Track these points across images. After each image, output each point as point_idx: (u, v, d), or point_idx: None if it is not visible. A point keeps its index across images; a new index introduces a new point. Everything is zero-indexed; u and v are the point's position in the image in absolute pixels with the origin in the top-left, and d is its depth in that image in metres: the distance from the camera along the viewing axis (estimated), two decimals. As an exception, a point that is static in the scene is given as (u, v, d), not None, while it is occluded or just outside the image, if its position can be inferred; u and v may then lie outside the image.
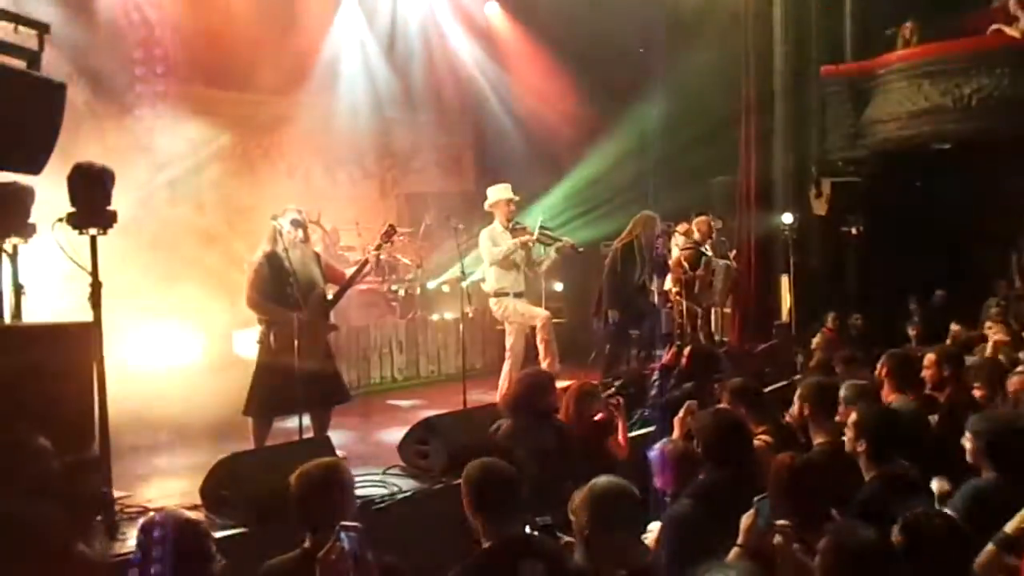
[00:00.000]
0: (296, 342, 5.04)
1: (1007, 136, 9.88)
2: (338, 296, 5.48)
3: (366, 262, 5.44)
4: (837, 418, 4.05)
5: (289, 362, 5.05)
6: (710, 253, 9.09)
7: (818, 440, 3.99)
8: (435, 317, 9.12)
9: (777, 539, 2.65)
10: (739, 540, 2.80)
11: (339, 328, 6.21)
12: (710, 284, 9.15)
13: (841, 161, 11.04)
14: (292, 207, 5.40)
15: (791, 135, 10.96)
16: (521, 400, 4.62)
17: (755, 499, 2.94)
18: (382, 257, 5.85)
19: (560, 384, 5.21)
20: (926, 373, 4.84)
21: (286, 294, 5.19)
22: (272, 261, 5.23)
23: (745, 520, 2.82)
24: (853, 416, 3.57)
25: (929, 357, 4.91)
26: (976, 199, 11.11)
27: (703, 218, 9.13)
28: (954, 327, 7.67)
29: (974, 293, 10.32)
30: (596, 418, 4.76)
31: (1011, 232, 10.63)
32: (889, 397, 4.59)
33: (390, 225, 5.65)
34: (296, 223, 5.30)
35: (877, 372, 4.82)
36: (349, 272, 5.53)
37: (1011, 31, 9.91)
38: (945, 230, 11.12)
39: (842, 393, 4.19)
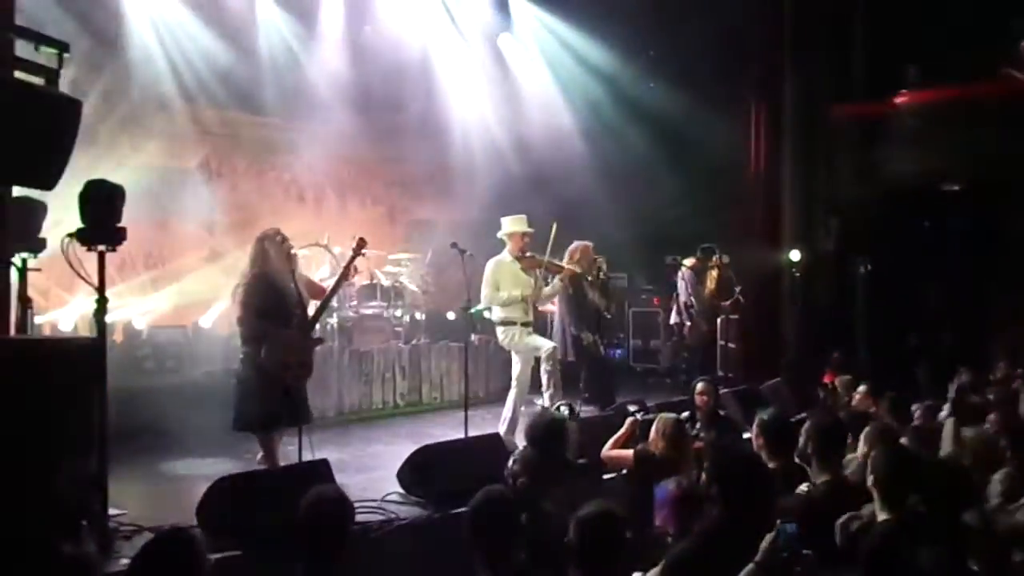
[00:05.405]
0: (285, 359, 5.17)
1: (1016, 179, 9.90)
2: (320, 309, 5.66)
3: (343, 276, 5.58)
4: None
5: (278, 378, 5.16)
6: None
7: (820, 479, 3.92)
8: (439, 344, 9.10)
9: (797, 569, 2.64)
10: (757, 558, 2.79)
11: (324, 341, 6.27)
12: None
13: (849, 199, 11.06)
14: (273, 229, 5.55)
15: (800, 173, 11.00)
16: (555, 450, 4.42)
17: (778, 521, 2.92)
18: (357, 268, 5.97)
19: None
20: None
21: (279, 311, 5.30)
22: (263, 279, 5.33)
23: (766, 540, 2.81)
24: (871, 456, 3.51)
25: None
26: (984, 241, 11.10)
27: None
28: (962, 372, 7.59)
29: (981, 335, 10.26)
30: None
31: (1019, 273, 10.58)
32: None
33: (360, 238, 5.71)
34: (283, 244, 5.44)
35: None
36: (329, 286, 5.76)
37: (1021, 75, 9.96)
38: (953, 271, 11.10)
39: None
